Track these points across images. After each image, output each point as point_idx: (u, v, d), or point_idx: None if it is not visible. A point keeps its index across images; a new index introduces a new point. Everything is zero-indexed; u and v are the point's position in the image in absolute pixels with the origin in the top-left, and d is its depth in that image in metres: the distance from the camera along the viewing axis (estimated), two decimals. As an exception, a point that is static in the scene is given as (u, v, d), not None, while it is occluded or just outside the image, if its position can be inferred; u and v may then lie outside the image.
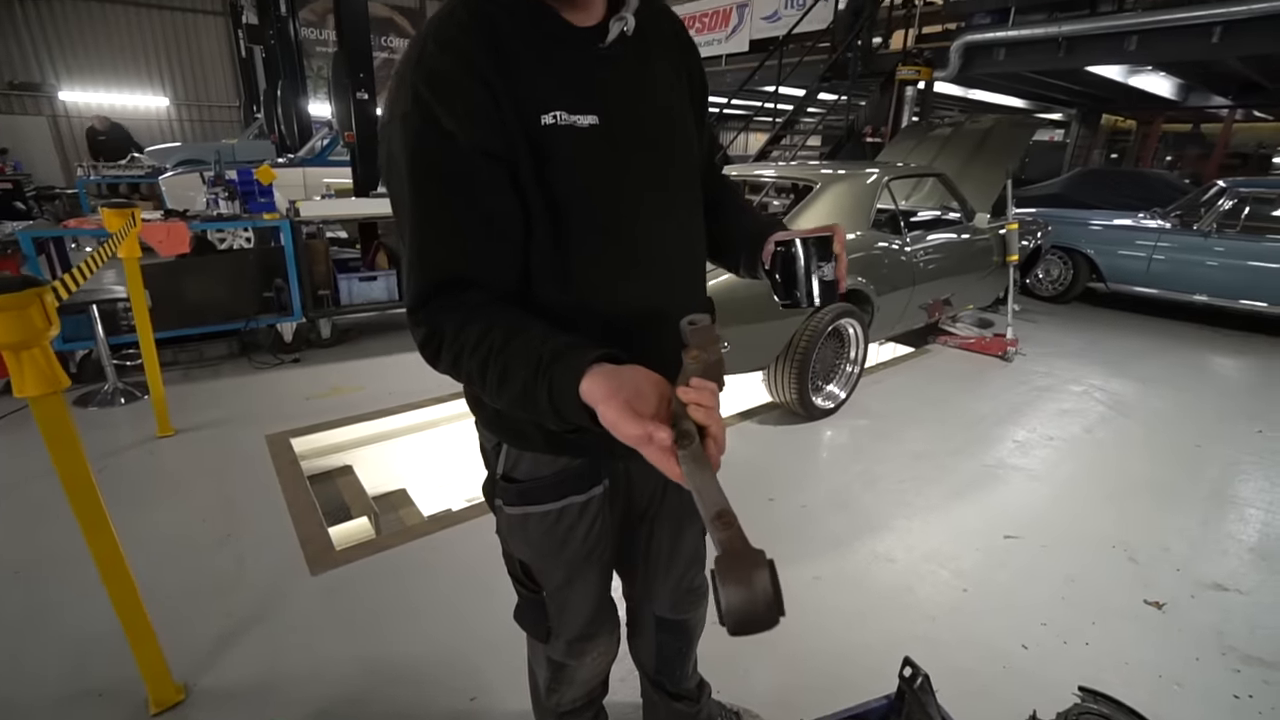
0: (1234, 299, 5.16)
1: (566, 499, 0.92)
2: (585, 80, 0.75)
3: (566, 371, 0.61)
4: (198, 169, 6.33)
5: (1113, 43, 5.97)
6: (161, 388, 2.82)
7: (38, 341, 1.16)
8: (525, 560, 1.00)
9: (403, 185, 0.72)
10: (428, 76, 0.69)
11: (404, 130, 0.70)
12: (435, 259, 0.72)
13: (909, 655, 1.31)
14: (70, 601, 1.83)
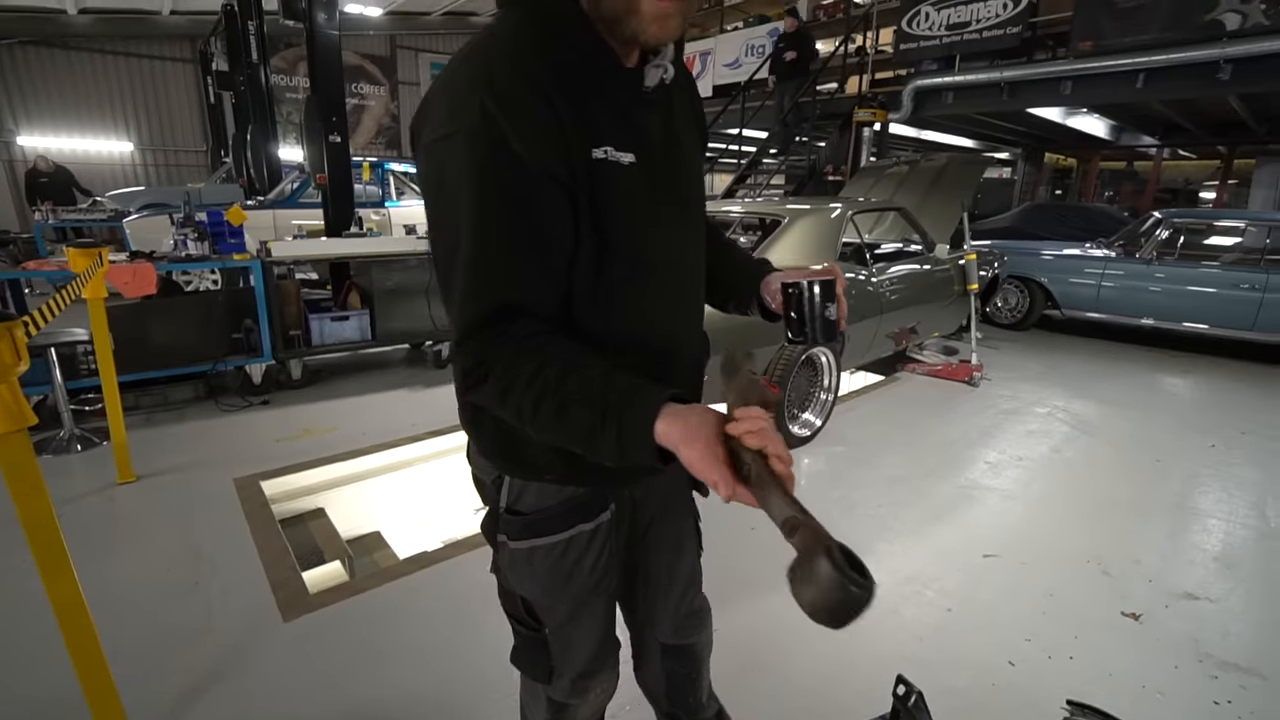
0: (1177, 322, 5.45)
1: (575, 528, 0.90)
2: (629, 120, 0.78)
3: (639, 416, 0.63)
4: (164, 211, 6.25)
5: (1050, 87, 6.40)
6: (124, 432, 2.72)
7: (5, 378, 1.13)
8: (528, 597, 0.96)
9: (458, 206, 0.70)
10: (498, 97, 0.67)
11: (469, 149, 0.68)
12: (494, 285, 0.70)
13: (901, 674, 1.31)
14: (16, 661, 1.72)
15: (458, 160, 0.69)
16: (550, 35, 0.72)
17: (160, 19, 11.25)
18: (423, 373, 4.57)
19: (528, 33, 0.72)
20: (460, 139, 0.68)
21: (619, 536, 0.97)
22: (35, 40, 10.54)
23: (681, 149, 0.87)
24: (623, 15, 0.70)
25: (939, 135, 10.53)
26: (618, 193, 0.76)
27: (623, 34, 0.72)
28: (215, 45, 9.17)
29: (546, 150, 0.69)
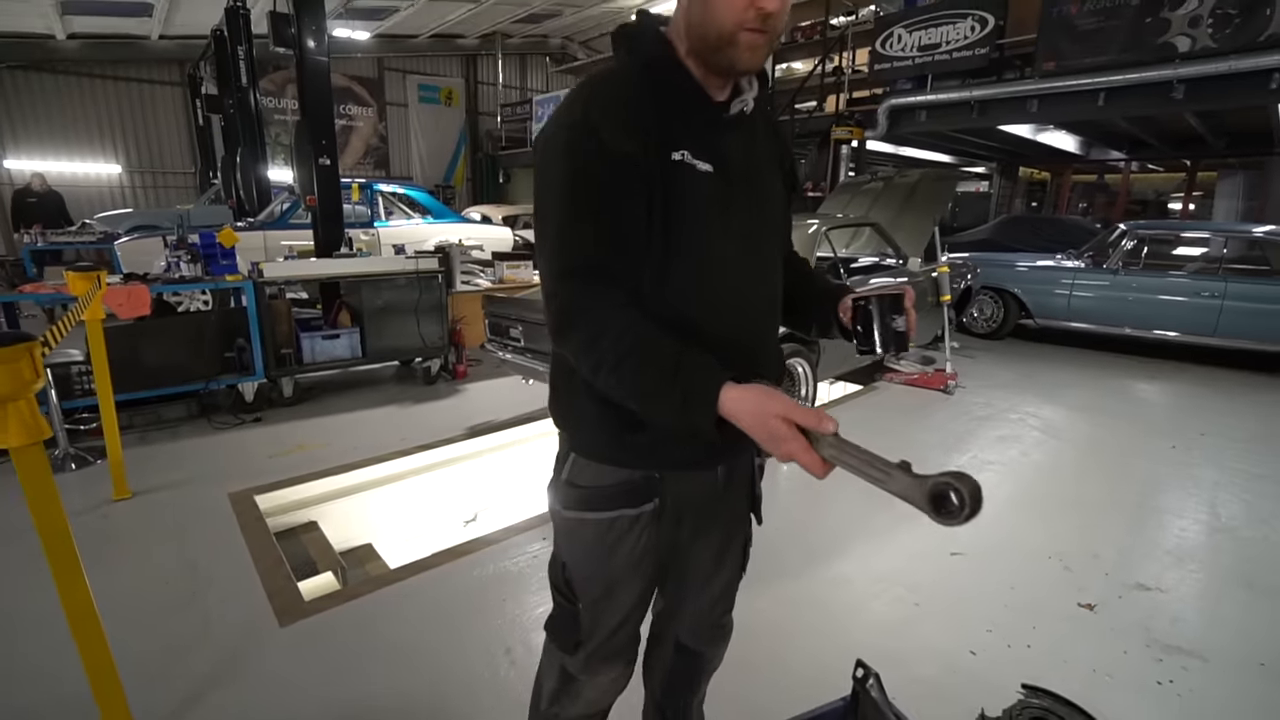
0: (1144, 329, 5.65)
1: (620, 510, 1.01)
2: (710, 136, 0.92)
3: (709, 379, 0.78)
4: (154, 234, 6.31)
5: (1017, 105, 6.67)
6: (120, 449, 2.79)
7: (24, 394, 1.22)
8: (570, 565, 1.07)
9: (552, 181, 0.86)
10: (597, 103, 0.86)
11: (567, 136, 0.86)
12: (576, 243, 0.86)
13: (860, 658, 1.41)
14: (15, 675, 1.79)
15: (556, 146, 0.87)
16: (647, 70, 0.91)
17: (149, 43, 11.35)
18: (412, 389, 4.65)
19: (630, 69, 0.92)
20: (562, 131, 0.87)
21: (661, 530, 1.05)
22: (24, 65, 10.60)
23: (761, 175, 1.01)
24: (723, 46, 0.86)
25: (917, 151, 10.84)
26: (692, 192, 0.90)
27: (720, 63, 0.88)
28: (204, 69, 9.30)
29: (627, 145, 0.85)
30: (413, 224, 8.04)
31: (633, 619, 1.12)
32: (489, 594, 2.18)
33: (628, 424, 0.94)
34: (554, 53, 17.38)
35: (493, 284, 5.57)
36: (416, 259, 4.59)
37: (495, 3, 12.62)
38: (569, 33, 16.37)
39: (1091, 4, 5.98)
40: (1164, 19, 5.60)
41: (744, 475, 1.14)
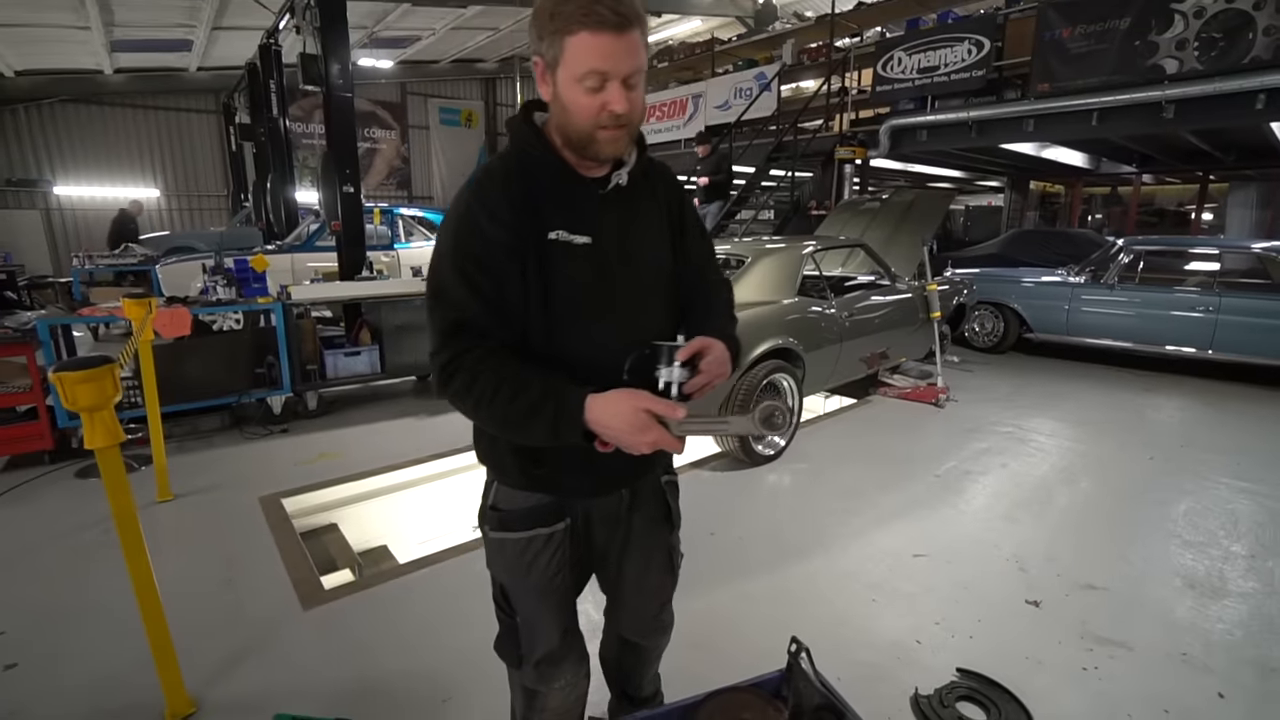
0: (1141, 343, 5.75)
1: (534, 530, 1.17)
2: (586, 211, 1.08)
3: (572, 397, 0.96)
4: (192, 257, 6.76)
5: (1014, 125, 6.83)
6: (164, 456, 3.11)
7: (107, 405, 1.51)
8: (502, 582, 1.25)
9: (444, 260, 1.03)
10: (481, 196, 1.03)
11: (456, 226, 1.03)
12: (458, 301, 1.01)
13: (795, 635, 1.63)
14: (74, 649, 2.08)
15: (448, 229, 1.05)
16: (526, 158, 1.08)
17: (187, 75, 12.04)
18: (428, 402, 4.95)
19: (511, 158, 1.09)
20: (452, 220, 1.05)
21: (574, 546, 1.23)
22: (74, 98, 11.34)
23: (644, 236, 1.16)
24: (586, 143, 1.01)
25: (927, 168, 11.00)
26: (570, 263, 1.06)
27: (587, 155, 1.04)
28: (238, 100, 9.86)
29: (500, 234, 1.02)
30: (430, 246, 8.42)
31: (562, 624, 1.28)
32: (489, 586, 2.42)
33: (532, 459, 1.13)
34: (570, 74, 17.86)
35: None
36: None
37: (513, 29, 13.12)
38: (584, 55, 16.84)
39: (1083, 28, 6.15)
40: (1152, 42, 5.76)
41: (652, 494, 1.31)
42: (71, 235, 11.83)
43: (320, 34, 5.07)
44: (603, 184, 1.10)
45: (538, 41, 0.99)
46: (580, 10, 0.92)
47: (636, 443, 0.95)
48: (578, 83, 0.96)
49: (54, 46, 9.59)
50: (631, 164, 1.12)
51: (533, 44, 1.01)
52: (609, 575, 1.36)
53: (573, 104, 0.98)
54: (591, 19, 0.92)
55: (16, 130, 11.09)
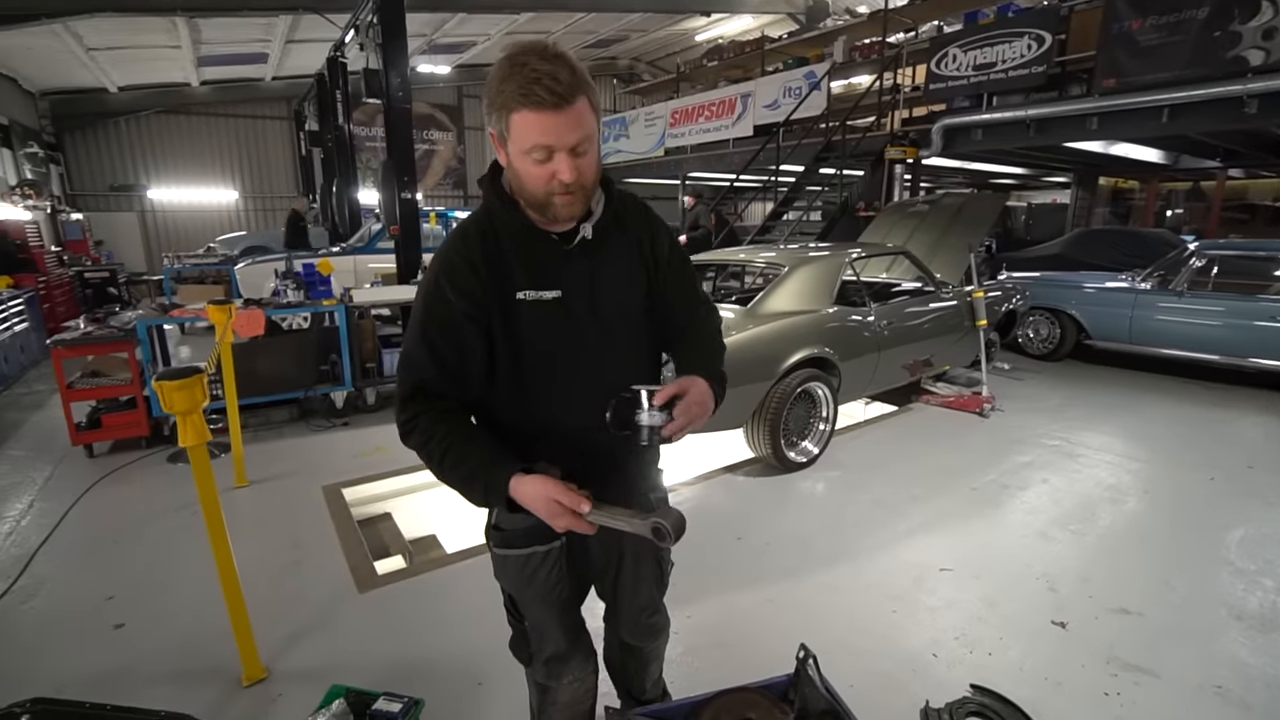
0: (1211, 354, 5.44)
1: (532, 547, 1.27)
2: (553, 267, 1.13)
3: (499, 476, 1.05)
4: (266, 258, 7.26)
5: (1076, 123, 6.54)
6: (241, 446, 3.43)
7: (197, 409, 1.74)
8: (509, 592, 1.37)
9: (413, 326, 1.13)
10: (446, 265, 1.12)
11: (425, 292, 1.13)
12: (420, 365, 1.11)
13: (805, 642, 1.72)
14: (169, 615, 2.37)
15: (420, 293, 1.15)
16: (494, 218, 1.14)
17: (263, 85, 12.85)
18: (476, 399, 5.20)
19: (481, 219, 1.15)
20: (422, 287, 1.15)
21: (571, 561, 1.33)
22: (166, 109, 12.30)
23: (614, 286, 1.20)
24: (542, 207, 1.07)
25: (987, 166, 10.61)
26: (538, 319, 1.13)
27: (545, 216, 1.10)
28: (308, 108, 10.46)
29: (462, 301, 1.09)
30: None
31: (566, 627, 1.39)
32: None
33: None
34: (622, 74, 18.04)
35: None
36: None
37: (565, 31, 13.37)
38: (636, 54, 17.00)
39: (1155, 19, 5.83)
40: (1234, 32, 5.40)
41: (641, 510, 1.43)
42: (163, 235, 12.83)
43: (381, 49, 5.38)
44: (569, 238, 1.14)
45: (488, 114, 1.04)
46: (519, 90, 0.97)
47: (552, 524, 1.05)
48: (526, 155, 1.01)
49: (150, 64, 10.46)
50: (598, 215, 1.16)
51: (488, 120, 1.06)
52: (605, 585, 1.47)
53: (525, 174, 1.04)
54: (530, 99, 0.96)
55: (118, 140, 12.14)
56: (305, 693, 1.93)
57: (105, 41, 8.95)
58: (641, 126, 13.11)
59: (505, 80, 0.98)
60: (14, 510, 3.28)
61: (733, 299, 4.48)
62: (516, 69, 0.97)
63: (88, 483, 3.51)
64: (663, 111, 12.48)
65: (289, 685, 2.01)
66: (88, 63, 9.66)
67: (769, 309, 3.68)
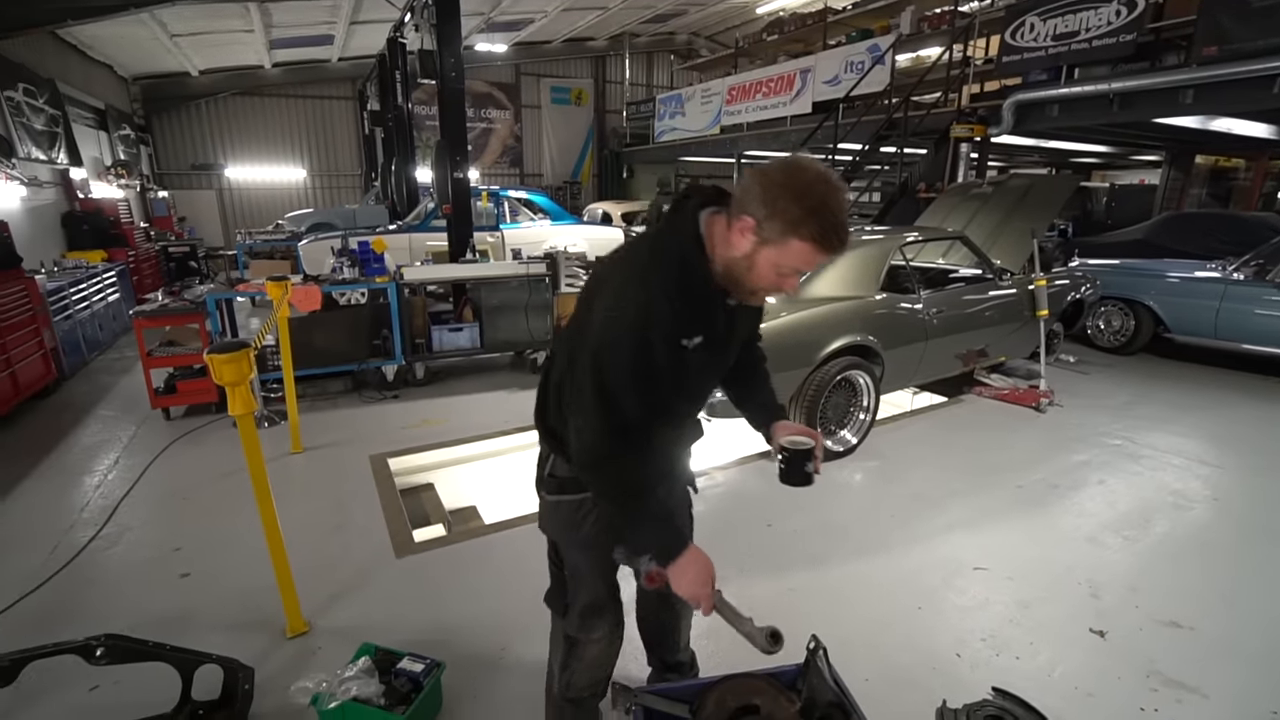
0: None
1: (584, 493, 1.37)
2: (712, 319, 1.24)
3: (680, 542, 1.23)
4: (327, 235, 7.60)
5: (1167, 97, 6.01)
6: (297, 414, 3.65)
7: (244, 380, 1.86)
8: (555, 540, 1.50)
9: (622, 369, 1.14)
10: (653, 315, 1.14)
11: (631, 338, 1.14)
12: (629, 410, 1.17)
13: (815, 634, 1.71)
14: (227, 568, 2.57)
15: (626, 343, 1.14)
16: (688, 269, 1.18)
17: (329, 65, 13.31)
18: (520, 377, 5.33)
19: (673, 266, 1.18)
20: (626, 332, 1.15)
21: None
22: (241, 91, 12.95)
23: (734, 336, 1.35)
24: (745, 294, 1.21)
25: (1066, 144, 9.91)
26: (689, 363, 1.22)
27: (740, 294, 1.22)
28: (370, 88, 10.78)
29: (668, 345, 1.17)
30: (534, 226, 8.86)
31: (604, 575, 1.48)
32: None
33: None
34: (679, 49, 17.73)
35: (596, 283, 6.12)
36: (528, 264, 5.24)
37: (623, 6, 13.22)
38: (695, 29, 16.65)
39: (1267, -20, 5.27)
40: (1361, -7, 4.83)
41: (682, 488, 1.61)
42: (238, 212, 13.60)
43: (435, 30, 5.47)
44: (727, 296, 1.25)
45: (762, 210, 1.07)
46: (818, 232, 1.06)
47: (690, 591, 1.22)
48: (774, 267, 1.12)
49: (226, 48, 11.02)
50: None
51: (754, 205, 1.08)
52: None
53: (759, 275, 1.14)
54: (822, 244, 1.07)
55: (199, 121, 12.89)
56: (340, 647, 2.07)
57: (187, 28, 9.46)
58: (698, 104, 12.89)
59: (800, 207, 1.05)
60: (103, 465, 3.61)
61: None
62: (818, 209, 1.05)
63: (164, 443, 3.82)
64: (719, 88, 12.23)
65: (327, 640, 2.15)
66: (171, 49, 10.25)
67: (811, 293, 3.59)
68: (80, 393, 4.98)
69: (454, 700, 1.90)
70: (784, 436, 1.44)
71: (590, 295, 1.28)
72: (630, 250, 1.29)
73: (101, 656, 1.70)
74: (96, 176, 9.09)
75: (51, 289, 5.21)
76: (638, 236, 1.33)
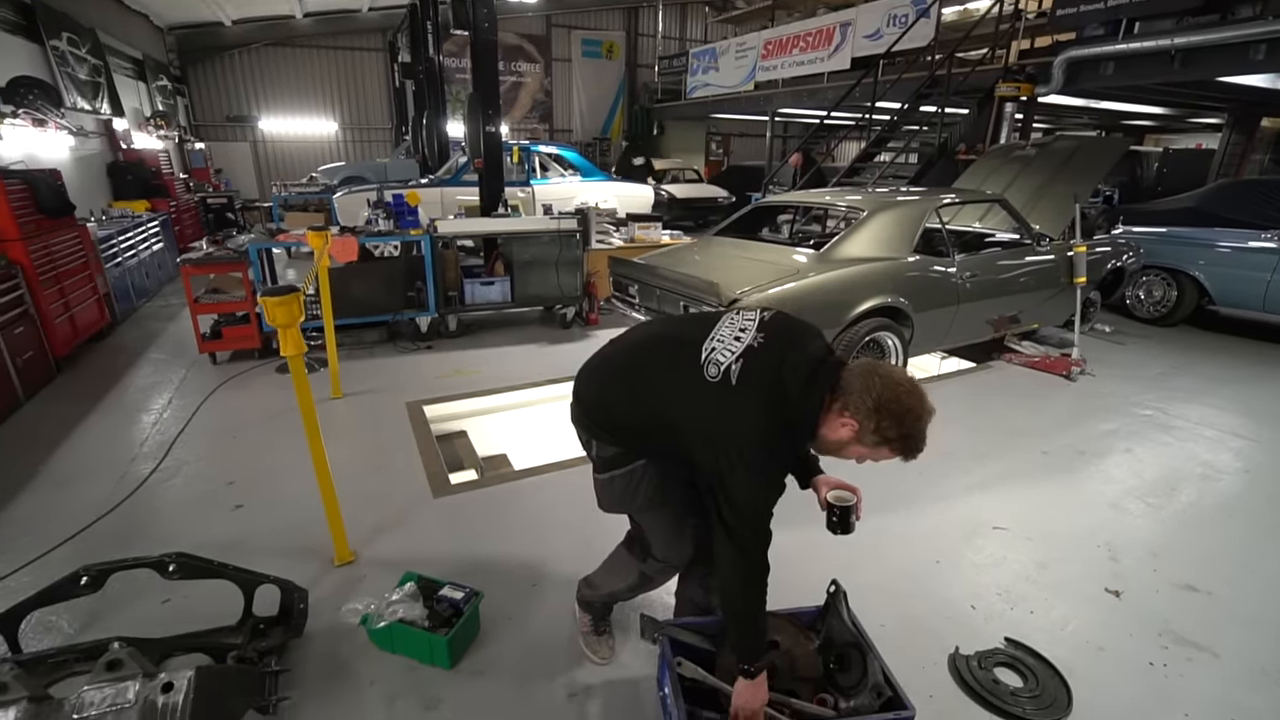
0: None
1: (633, 464, 1.57)
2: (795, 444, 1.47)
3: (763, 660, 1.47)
4: (361, 188, 7.68)
5: (1235, 53, 5.68)
6: (336, 361, 3.79)
7: (295, 323, 1.96)
8: (615, 512, 1.68)
9: (757, 487, 1.36)
10: (774, 450, 1.37)
11: (766, 460, 1.35)
12: (767, 515, 1.39)
13: (835, 578, 1.79)
14: (276, 502, 2.74)
15: (760, 459, 1.33)
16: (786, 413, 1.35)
17: (360, 16, 13.16)
18: (550, 331, 5.42)
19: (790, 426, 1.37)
20: (761, 449, 1.34)
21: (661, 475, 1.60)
22: (271, 42, 12.91)
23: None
24: (830, 454, 1.44)
25: (1121, 105, 9.42)
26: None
27: (817, 448, 1.46)
28: (401, 40, 10.67)
29: (785, 462, 1.42)
30: (564, 182, 8.82)
31: (677, 532, 1.65)
32: (584, 495, 2.79)
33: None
34: (714, 1, 17.10)
35: (625, 242, 6.11)
36: (559, 219, 5.25)
37: (656, -45, 12.74)
38: (731, -23, 16.00)
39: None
40: None
41: None
42: (272, 164, 13.74)
43: (469, -22, 5.37)
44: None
45: (868, 421, 1.31)
46: (906, 449, 1.34)
47: (750, 706, 1.45)
48: (859, 455, 1.39)
49: (258, -2, 10.93)
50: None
51: (861, 414, 1.31)
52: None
53: (843, 454, 1.41)
54: (908, 456, 1.35)
55: (232, 72, 12.93)
56: (384, 576, 2.22)
57: (219, -26, 9.42)
58: (732, 58, 12.50)
59: (898, 430, 1.30)
60: (157, 404, 3.82)
61: (810, 243, 4.36)
62: (909, 436, 1.31)
63: (212, 386, 4.02)
64: (755, 42, 11.83)
65: (371, 569, 2.31)
66: (206, -5, 10.25)
67: (843, 254, 3.57)
68: (132, 337, 5.22)
69: (490, 626, 2.04)
70: (828, 491, 1.62)
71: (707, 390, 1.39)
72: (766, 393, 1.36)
73: (174, 572, 1.86)
74: (137, 127, 9.26)
75: (101, 236, 5.41)
76: (772, 374, 1.37)
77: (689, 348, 1.43)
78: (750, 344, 1.40)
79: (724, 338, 1.43)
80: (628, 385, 1.53)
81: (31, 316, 3.98)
